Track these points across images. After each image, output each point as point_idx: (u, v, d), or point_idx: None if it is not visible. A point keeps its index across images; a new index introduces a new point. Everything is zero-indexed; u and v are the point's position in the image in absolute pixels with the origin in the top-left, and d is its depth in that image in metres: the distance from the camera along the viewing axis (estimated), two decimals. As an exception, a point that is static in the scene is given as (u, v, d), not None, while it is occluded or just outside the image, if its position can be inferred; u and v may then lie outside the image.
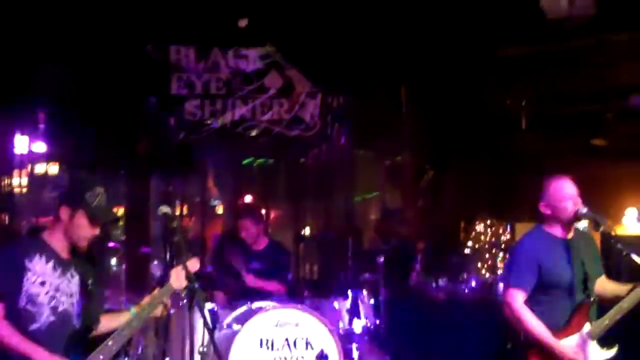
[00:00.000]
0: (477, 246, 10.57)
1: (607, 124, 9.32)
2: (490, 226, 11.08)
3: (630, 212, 9.36)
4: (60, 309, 3.66)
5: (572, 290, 4.27)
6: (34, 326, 3.58)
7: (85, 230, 3.70)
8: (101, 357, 3.64)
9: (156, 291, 3.88)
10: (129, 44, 8.24)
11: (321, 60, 8.65)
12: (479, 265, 9.99)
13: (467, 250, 10.49)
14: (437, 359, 6.57)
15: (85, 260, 3.84)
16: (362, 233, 9.21)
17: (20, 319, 3.55)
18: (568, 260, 4.29)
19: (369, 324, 6.29)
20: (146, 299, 3.89)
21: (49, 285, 3.63)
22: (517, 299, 4.25)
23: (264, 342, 5.46)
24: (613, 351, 4.27)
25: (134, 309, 3.89)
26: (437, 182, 10.83)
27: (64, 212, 3.69)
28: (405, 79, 9.33)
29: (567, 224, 4.33)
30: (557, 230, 4.34)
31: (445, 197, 10.81)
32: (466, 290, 8.26)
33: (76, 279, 3.77)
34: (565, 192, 4.29)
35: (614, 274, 4.64)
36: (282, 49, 8.77)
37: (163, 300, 3.87)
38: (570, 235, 4.36)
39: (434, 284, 7.84)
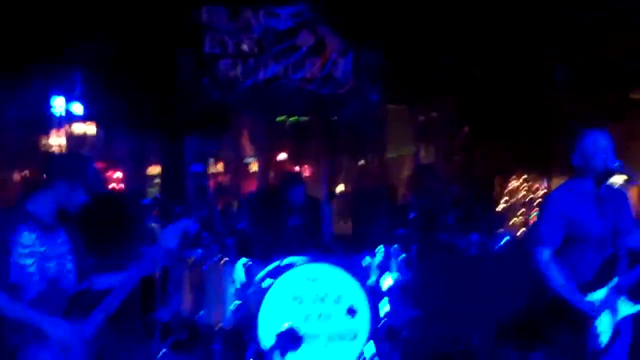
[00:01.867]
0: (512, 202, 10.50)
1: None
2: (526, 182, 11.00)
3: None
4: (50, 276, 3.68)
5: (601, 243, 4.22)
6: (26, 297, 3.60)
7: (80, 200, 3.73)
8: (103, 314, 3.69)
9: (149, 249, 3.88)
10: (162, 4, 8.27)
11: (352, 17, 8.58)
12: (513, 221, 9.95)
13: (501, 206, 10.44)
14: (468, 315, 6.58)
15: (70, 217, 3.84)
16: (395, 190, 9.21)
17: (12, 292, 3.58)
18: (598, 213, 4.22)
19: (399, 279, 6.33)
20: (145, 255, 3.88)
21: (36, 255, 3.65)
22: (544, 254, 4.22)
23: (295, 297, 5.53)
24: (643, 305, 4.26)
25: (131, 265, 3.89)
26: (472, 138, 10.74)
27: (62, 186, 3.70)
28: (439, 35, 9.22)
29: (599, 177, 4.26)
30: (588, 183, 4.27)
31: (480, 154, 10.74)
32: (498, 246, 8.22)
33: (63, 238, 3.79)
34: (598, 144, 4.20)
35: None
36: (313, 7, 8.73)
37: (153, 258, 3.84)
38: (602, 188, 4.31)
39: (466, 240, 7.81)
